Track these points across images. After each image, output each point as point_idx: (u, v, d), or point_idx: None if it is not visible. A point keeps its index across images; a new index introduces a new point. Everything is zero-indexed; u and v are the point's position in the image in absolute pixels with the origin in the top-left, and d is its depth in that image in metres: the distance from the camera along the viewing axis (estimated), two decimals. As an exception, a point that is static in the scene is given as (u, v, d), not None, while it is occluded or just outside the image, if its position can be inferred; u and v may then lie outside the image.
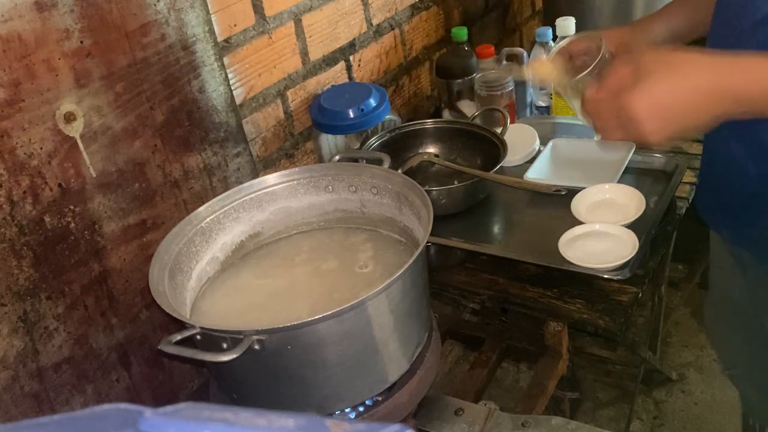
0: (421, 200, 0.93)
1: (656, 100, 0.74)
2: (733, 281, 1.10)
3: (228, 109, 1.11)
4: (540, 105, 1.56)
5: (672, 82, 0.74)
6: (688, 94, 0.74)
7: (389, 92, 1.53)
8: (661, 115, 0.74)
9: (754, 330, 1.07)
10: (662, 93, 0.74)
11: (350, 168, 1.04)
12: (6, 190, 0.84)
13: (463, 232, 1.20)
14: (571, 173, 1.27)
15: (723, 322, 1.24)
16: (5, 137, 0.83)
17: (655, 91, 0.74)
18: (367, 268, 0.97)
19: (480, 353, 1.13)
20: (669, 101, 0.74)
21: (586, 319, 1.06)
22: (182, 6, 1.00)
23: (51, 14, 0.85)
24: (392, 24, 1.52)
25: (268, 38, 1.22)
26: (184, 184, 1.06)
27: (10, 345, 0.87)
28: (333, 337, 0.80)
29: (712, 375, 1.95)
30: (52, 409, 0.93)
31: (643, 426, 1.87)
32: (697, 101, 0.74)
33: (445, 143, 1.35)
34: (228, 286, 0.99)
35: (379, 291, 0.78)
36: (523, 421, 0.92)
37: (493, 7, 1.88)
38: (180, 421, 0.35)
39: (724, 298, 1.19)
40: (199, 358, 0.78)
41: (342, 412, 0.88)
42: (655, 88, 0.74)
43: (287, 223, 1.06)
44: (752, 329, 1.07)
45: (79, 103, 0.89)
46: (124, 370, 1.02)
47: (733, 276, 1.09)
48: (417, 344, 0.91)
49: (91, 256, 0.94)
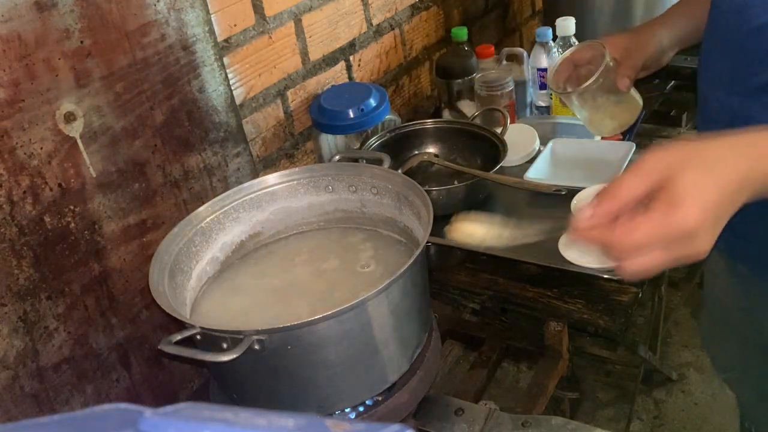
0: (421, 200, 0.93)
1: (706, 204, 0.62)
2: (727, 288, 1.09)
3: (228, 109, 1.11)
4: (540, 105, 1.56)
5: (714, 178, 0.62)
6: (732, 184, 0.63)
7: (389, 92, 1.53)
8: (713, 217, 0.63)
9: (748, 336, 1.06)
10: (709, 194, 0.62)
11: (350, 168, 1.04)
12: (6, 190, 0.84)
13: (463, 232, 1.20)
14: (571, 173, 1.27)
15: (717, 327, 1.24)
16: (5, 137, 0.83)
17: (704, 195, 0.62)
18: (369, 267, 0.97)
19: (480, 353, 1.13)
20: (717, 199, 0.63)
21: (586, 319, 1.06)
22: (182, 6, 1.00)
23: (51, 14, 0.85)
24: (392, 24, 1.52)
25: (268, 38, 1.22)
26: (184, 184, 1.06)
27: (10, 345, 0.87)
28: (333, 337, 0.80)
29: (712, 375, 1.95)
30: (52, 409, 0.93)
31: (643, 426, 1.88)
32: (740, 188, 0.64)
33: (445, 143, 1.35)
34: (228, 286, 0.99)
35: (379, 291, 0.78)
36: (523, 421, 0.91)
37: (493, 7, 1.88)
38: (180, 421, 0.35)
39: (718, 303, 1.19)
40: (199, 358, 0.78)
41: (342, 412, 0.88)
42: (703, 193, 0.62)
43: (287, 223, 1.06)
44: (746, 335, 1.07)
45: (79, 103, 0.89)
46: (124, 370, 1.02)
47: (728, 284, 1.08)
48: (417, 344, 0.91)
49: (91, 256, 0.94)
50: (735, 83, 0.87)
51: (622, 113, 1.18)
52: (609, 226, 0.64)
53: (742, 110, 0.86)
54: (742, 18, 0.83)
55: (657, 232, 0.62)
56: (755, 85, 0.84)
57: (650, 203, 0.63)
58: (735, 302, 1.07)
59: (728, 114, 0.89)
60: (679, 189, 0.61)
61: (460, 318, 1.26)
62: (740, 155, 0.64)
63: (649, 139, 1.49)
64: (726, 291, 1.10)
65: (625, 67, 1.10)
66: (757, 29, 0.81)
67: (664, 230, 0.62)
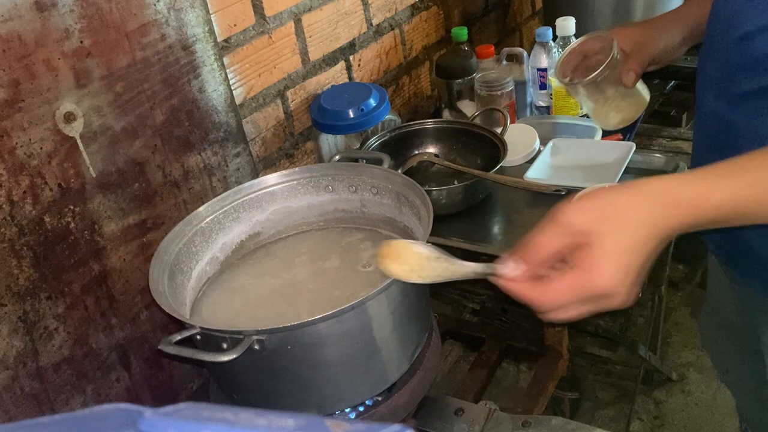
0: (421, 200, 0.93)
1: (620, 266, 0.64)
2: (727, 293, 1.09)
3: (228, 109, 1.11)
4: (540, 105, 1.56)
5: (628, 237, 0.65)
6: (645, 238, 0.65)
7: (389, 92, 1.53)
8: (627, 274, 0.65)
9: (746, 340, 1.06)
10: (624, 255, 0.64)
11: (350, 168, 1.04)
12: (6, 190, 0.84)
13: (463, 232, 1.20)
14: (571, 173, 1.27)
15: (717, 330, 1.24)
16: (5, 137, 0.83)
17: (620, 259, 0.64)
18: (369, 267, 0.97)
19: (480, 353, 1.13)
20: (631, 260, 0.65)
21: (586, 319, 1.06)
22: (182, 6, 1.00)
23: (51, 14, 0.85)
24: (392, 24, 1.52)
25: (268, 38, 1.22)
26: (184, 184, 1.06)
27: (10, 345, 0.87)
28: (333, 337, 0.80)
29: (712, 375, 1.94)
30: (52, 409, 0.93)
31: (643, 426, 1.87)
32: (652, 238, 0.66)
33: (445, 143, 1.35)
34: (228, 286, 0.99)
35: (379, 291, 0.78)
36: (523, 421, 0.91)
37: (493, 7, 1.88)
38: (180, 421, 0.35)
39: (718, 306, 1.19)
40: (199, 358, 0.78)
41: (342, 412, 0.88)
42: (619, 257, 0.64)
43: (287, 223, 1.06)
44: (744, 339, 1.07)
45: (78, 103, 0.89)
46: (124, 370, 1.02)
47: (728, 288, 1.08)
48: (417, 344, 0.91)
49: (91, 256, 0.94)
50: (720, 89, 0.88)
51: (628, 107, 1.17)
52: (529, 282, 0.68)
53: (725, 116, 0.86)
54: (730, 25, 0.83)
55: (572, 294, 0.66)
56: (738, 93, 0.84)
57: (569, 259, 0.66)
58: (733, 305, 1.07)
59: (714, 119, 0.90)
60: (595, 253, 0.64)
61: (460, 318, 1.26)
62: (651, 206, 0.66)
63: (649, 139, 1.49)
64: (726, 292, 1.10)
65: (633, 61, 1.09)
66: (742, 38, 0.81)
67: (579, 292, 0.66)
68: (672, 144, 1.47)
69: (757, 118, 0.81)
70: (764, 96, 0.80)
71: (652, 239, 0.65)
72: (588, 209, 0.66)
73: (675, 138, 1.49)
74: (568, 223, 0.66)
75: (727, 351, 1.23)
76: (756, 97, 0.81)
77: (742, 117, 0.84)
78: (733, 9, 0.83)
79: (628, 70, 1.09)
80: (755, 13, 0.79)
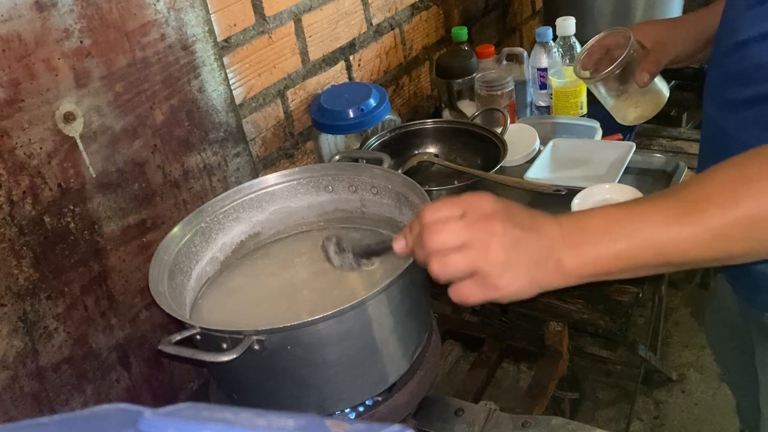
0: (421, 200, 0.93)
1: (504, 226, 0.65)
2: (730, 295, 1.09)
3: (228, 109, 1.11)
4: (540, 105, 1.56)
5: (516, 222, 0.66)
6: (531, 241, 0.67)
7: (389, 92, 1.53)
8: (511, 245, 0.66)
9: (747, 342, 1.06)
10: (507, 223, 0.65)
11: (350, 168, 1.04)
12: (6, 190, 0.84)
13: (463, 232, 1.20)
14: (571, 173, 1.27)
15: (720, 329, 1.24)
16: (5, 137, 0.83)
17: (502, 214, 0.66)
18: (369, 267, 0.97)
19: (480, 353, 1.13)
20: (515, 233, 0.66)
21: (586, 319, 1.06)
22: (182, 6, 1.00)
23: (51, 14, 0.85)
24: (392, 24, 1.52)
25: (268, 38, 1.22)
26: (184, 184, 1.06)
27: (10, 345, 0.87)
28: (333, 337, 0.80)
29: (712, 375, 1.95)
30: (52, 409, 0.93)
31: (644, 426, 1.87)
32: (536, 250, 0.68)
33: (445, 143, 1.35)
34: (228, 286, 0.99)
35: (379, 291, 0.78)
36: (523, 421, 0.91)
37: (493, 7, 1.88)
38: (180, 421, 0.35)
39: (722, 306, 1.19)
40: (199, 358, 0.78)
41: (342, 412, 0.88)
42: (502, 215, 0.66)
43: (287, 223, 1.06)
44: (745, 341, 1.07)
45: (78, 103, 0.89)
46: (124, 370, 1.02)
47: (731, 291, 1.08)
48: (417, 344, 0.91)
49: (91, 256, 0.94)
50: (717, 95, 0.88)
51: (646, 103, 1.17)
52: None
53: (720, 123, 0.86)
54: (729, 32, 0.83)
55: (455, 227, 0.65)
56: (731, 100, 0.84)
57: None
58: (736, 307, 1.07)
59: (713, 125, 0.90)
60: (486, 207, 0.66)
61: (460, 318, 1.26)
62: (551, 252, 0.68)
63: (649, 139, 1.49)
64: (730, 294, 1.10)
65: (649, 61, 1.08)
66: (738, 45, 0.81)
67: (461, 213, 0.66)
68: (672, 144, 1.47)
69: (747, 127, 0.81)
70: (755, 105, 0.80)
71: (543, 250, 0.68)
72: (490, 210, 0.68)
73: (675, 138, 1.49)
74: (463, 198, 0.68)
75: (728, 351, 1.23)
76: (747, 106, 0.81)
77: (734, 125, 0.83)
78: (733, 16, 0.82)
79: (642, 70, 1.08)
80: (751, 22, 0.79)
